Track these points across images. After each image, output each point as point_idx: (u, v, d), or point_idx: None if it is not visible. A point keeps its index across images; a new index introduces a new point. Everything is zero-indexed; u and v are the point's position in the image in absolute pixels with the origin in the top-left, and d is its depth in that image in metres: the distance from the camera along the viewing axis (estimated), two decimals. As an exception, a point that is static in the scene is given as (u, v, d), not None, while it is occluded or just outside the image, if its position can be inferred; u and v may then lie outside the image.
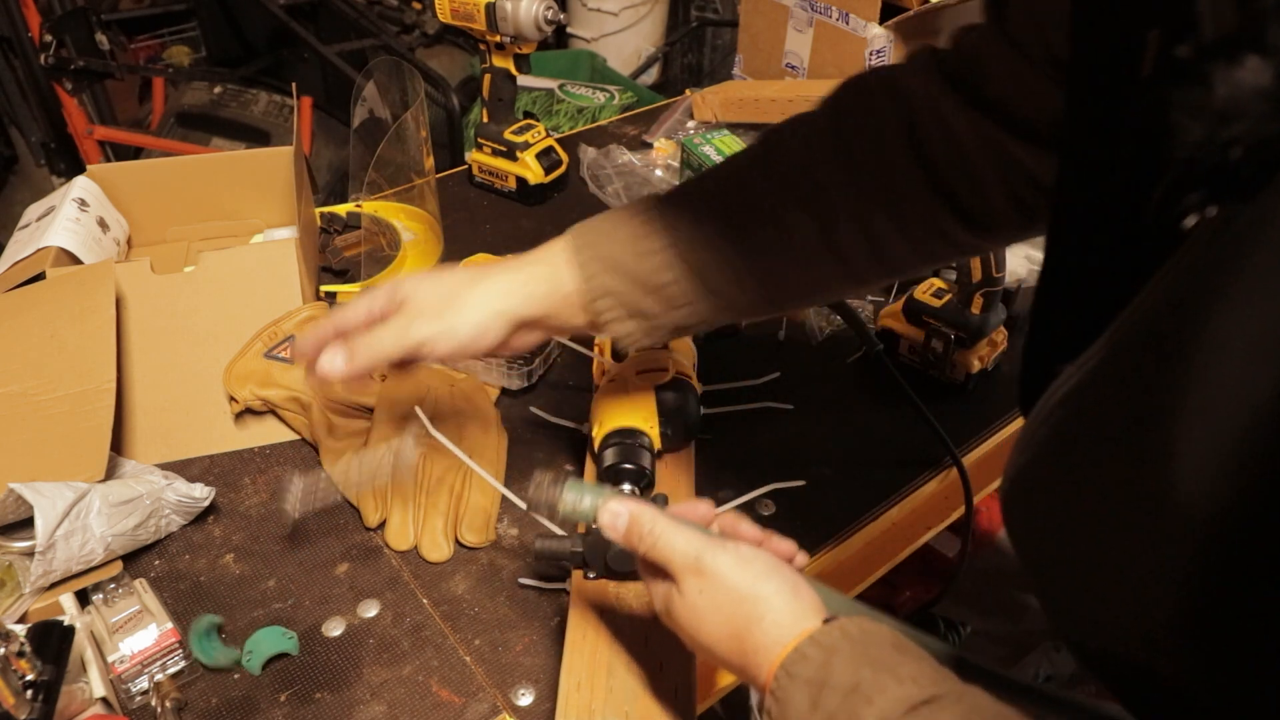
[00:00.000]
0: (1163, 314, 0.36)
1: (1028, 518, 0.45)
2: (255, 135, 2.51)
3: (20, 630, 0.65)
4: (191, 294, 0.91)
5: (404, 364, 0.67)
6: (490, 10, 1.17)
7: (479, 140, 1.30)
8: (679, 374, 0.83)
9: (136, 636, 0.70)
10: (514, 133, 1.28)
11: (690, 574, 0.53)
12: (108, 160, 2.54)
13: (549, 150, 1.30)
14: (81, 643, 0.69)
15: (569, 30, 2.85)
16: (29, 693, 0.62)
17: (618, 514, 0.57)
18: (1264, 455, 0.29)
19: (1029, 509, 0.45)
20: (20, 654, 0.62)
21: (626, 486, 0.75)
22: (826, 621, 0.48)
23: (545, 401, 0.96)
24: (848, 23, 1.41)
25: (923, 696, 0.42)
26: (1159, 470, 0.33)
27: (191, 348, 0.91)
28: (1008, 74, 0.57)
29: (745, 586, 0.51)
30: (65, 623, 0.69)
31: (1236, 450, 0.30)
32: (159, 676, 0.69)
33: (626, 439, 0.77)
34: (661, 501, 0.72)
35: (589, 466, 0.85)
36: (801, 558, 0.59)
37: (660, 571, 0.55)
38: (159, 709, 0.67)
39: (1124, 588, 0.37)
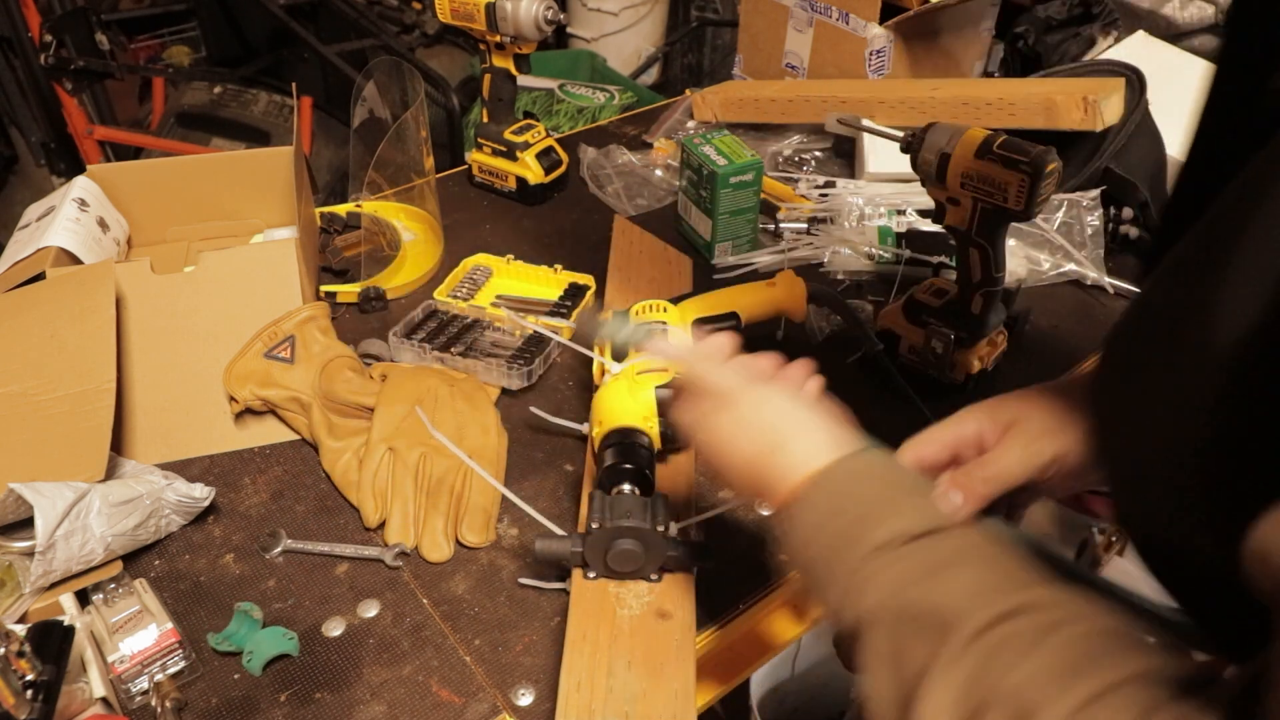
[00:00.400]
0: (1244, 184, 0.38)
1: (1106, 392, 0.47)
2: (255, 135, 2.51)
3: (20, 630, 0.65)
4: (191, 294, 0.91)
5: (1023, 492, 0.61)
6: (490, 10, 1.17)
7: (479, 140, 1.30)
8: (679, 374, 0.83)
9: (136, 636, 0.70)
10: (514, 133, 1.28)
11: (728, 402, 0.58)
12: (108, 160, 2.54)
13: (549, 150, 1.30)
14: (81, 643, 0.69)
15: (569, 30, 2.85)
16: (29, 693, 0.62)
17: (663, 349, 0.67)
18: None
19: (1107, 380, 0.47)
20: (20, 654, 0.62)
21: (627, 487, 0.75)
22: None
23: (545, 401, 0.96)
24: (848, 23, 1.41)
25: (925, 528, 0.46)
26: (1206, 316, 0.36)
27: (191, 348, 0.91)
28: None
29: (781, 416, 0.56)
30: (65, 623, 0.69)
31: (1276, 289, 0.33)
32: (159, 676, 0.69)
33: (626, 439, 0.77)
34: (662, 501, 0.72)
35: (589, 466, 0.85)
36: (814, 384, 0.63)
37: (694, 397, 0.61)
38: (159, 709, 0.67)
39: (1163, 430, 0.39)
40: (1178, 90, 1.29)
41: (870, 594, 0.45)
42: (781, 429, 0.56)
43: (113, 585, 0.74)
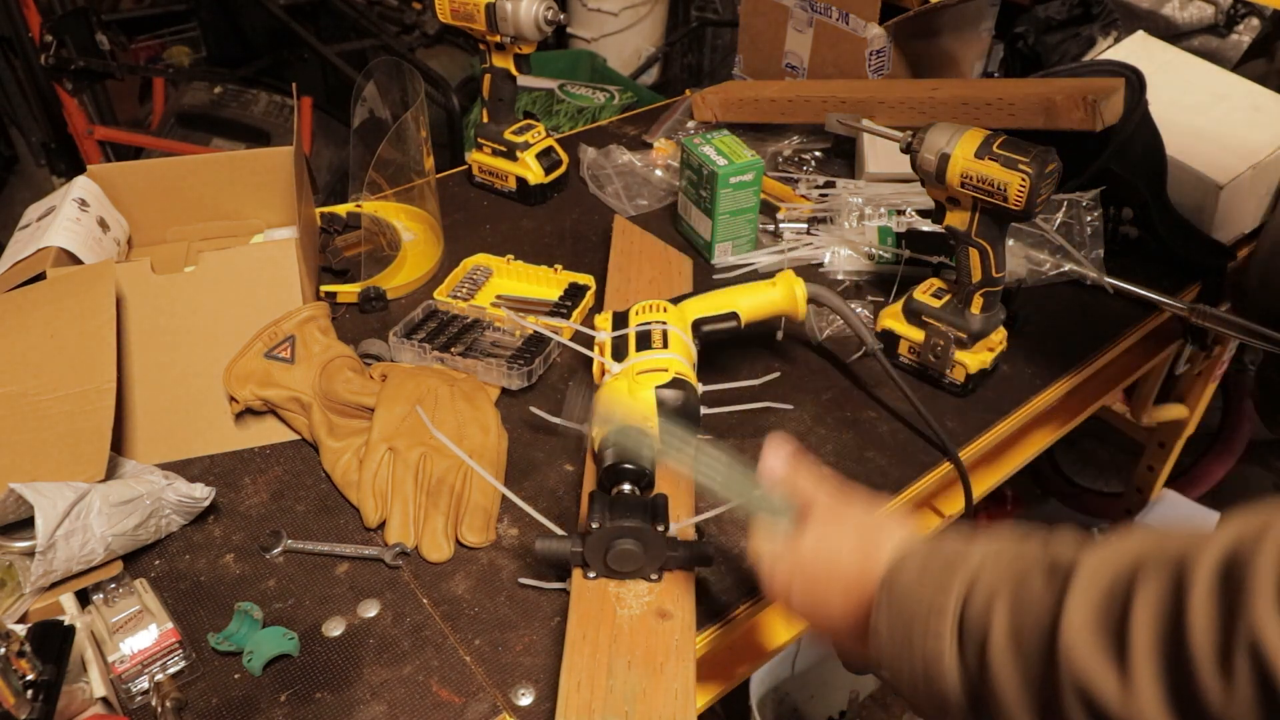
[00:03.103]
0: None
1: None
2: (255, 135, 2.51)
3: (21, 630, 0.65)
4: (191, 294, 0.91)
5: None
6: (490, 10, 1.17)
7: (479, 140, 1.30)
8: (679, 374, 0.83)
9: (137, 636, 0.70)
10: (514, 133, 1.28)
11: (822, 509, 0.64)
12: (108, 160, 2.54)
13: (549, 150, 1.30)
14: (82, 643, 0.69)
15: (569, 30, 2.84)
16: (29, 693, 0.62)
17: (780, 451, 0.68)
18: None
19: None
20: (21, 654, 0.62)
21: (627, 486, 0.75)
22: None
23: (545, 401, 0.96)
24: (848, 23, 1.41)
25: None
26: None
27: (191, 348, 0.91)
28: None
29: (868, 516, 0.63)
30: (66, 623, 0.69)
31: None
32: (159, 676, 0.69)
33: (627, 439, 0.77)
34: (662, 501, 0.72)
35: (589, 466, 0.85)
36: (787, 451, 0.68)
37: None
38: (159, 709, 0.67)
39: None
40: (1178, 90, 1.29)
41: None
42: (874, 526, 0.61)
43: (113, 585, 0.74)
